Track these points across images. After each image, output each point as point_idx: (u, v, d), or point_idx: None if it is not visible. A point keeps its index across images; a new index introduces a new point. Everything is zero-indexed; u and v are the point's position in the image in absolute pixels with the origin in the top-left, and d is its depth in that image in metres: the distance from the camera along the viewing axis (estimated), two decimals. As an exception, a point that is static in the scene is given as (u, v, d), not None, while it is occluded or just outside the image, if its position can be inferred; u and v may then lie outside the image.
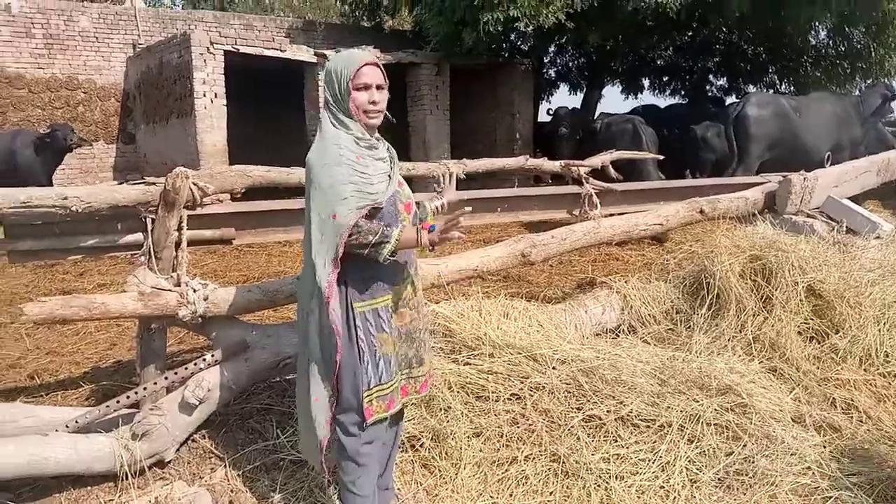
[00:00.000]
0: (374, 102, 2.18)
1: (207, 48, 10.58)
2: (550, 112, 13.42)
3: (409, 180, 2.76)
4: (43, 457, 2.50)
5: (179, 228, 3.14)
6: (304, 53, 11.61)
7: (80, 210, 2.95)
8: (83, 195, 2.99)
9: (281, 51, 11.37)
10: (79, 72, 13.31)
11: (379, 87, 2.19)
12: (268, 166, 3.61)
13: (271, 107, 14.41)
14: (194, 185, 3.15)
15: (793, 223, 4.76)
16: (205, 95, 10.55)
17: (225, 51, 10.77)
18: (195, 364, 2.97)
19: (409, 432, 2.86)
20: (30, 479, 2.56)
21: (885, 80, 12.46)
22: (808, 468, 2.71)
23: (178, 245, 3.16)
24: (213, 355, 3.00)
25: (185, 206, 3.14)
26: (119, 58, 13.73)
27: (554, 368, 3.16)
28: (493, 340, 3.30)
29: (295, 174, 3.59)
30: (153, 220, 3.10)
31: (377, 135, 2.28)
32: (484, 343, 3.28)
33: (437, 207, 2.47)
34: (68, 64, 13.21)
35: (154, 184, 3.17)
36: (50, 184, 9.06)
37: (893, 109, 9.83)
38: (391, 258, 2.12)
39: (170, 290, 2.98)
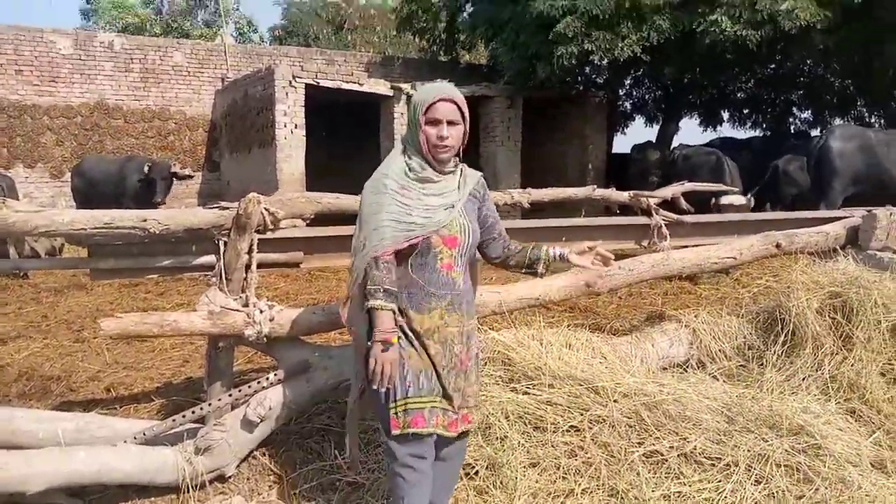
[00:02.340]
0: (441, 138, 2.18)
1: (290, 81, 11.04)
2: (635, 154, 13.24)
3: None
4: (111, 466, 2.61)
5: (250, 251, 3.26)
6: (381, 87, 11.94)
7: (158, 232, 3.10)
8: (161, 218, 3.14)
9: (359, 84, 11.73)
10: (171, 104, 14.12)
11: (451, 123, 2.20)
12: (338, 194, 3.72)
13: (349, 138, 14.84)
14: (265, 210, 3.26)
15: (877, 259, 4.51)
16: (285, 126, 10.98)
17: (306, 84, 11.19)
18: (258, 382, 3.05)
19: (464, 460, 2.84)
20: (99, 486, 2.67)
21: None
22: (888, 517, 2.54)
23: (247, 267, 3.27)
24: (275, 374, 3.08)
25: (256, 230, 3.26)
26: (208, 91, 14.50)
27: (615, 401, 3.08)
28: (554, 371, 3.25)
29: (362, 201, 3.68)
30: (225, 243, 3.23)
31: (452, 167, 2.30)
32: (543, 373, 3.24)
33: (557, 256, 2.41)
34: (161, 96, 14.04)
35: (228, 208, 3.30)
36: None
37: None
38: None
39: (237, 310, 3.08)
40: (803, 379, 3.41)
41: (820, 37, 10.50)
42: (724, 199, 7.33)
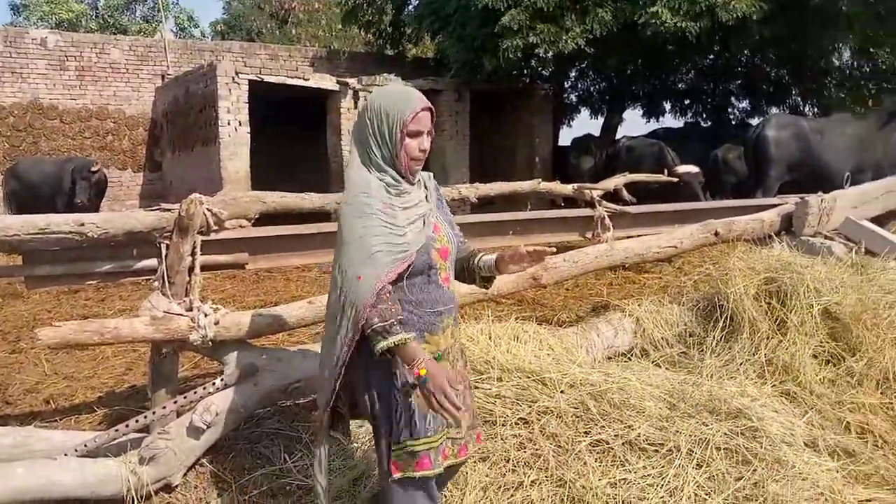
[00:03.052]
0: (423, 150, 2.02)
1: (233, 77, 10.84)
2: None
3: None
4: (51, 480, 2.54)
5: (193, 254, 3.21)
6: (327, 82, 11.82)
7: (96, 236, 3.03)
8: (99, 221, 3.07)
9: (304, 79, 11.59)
10: (109, 102, 13.71)
11: (428, 133, 2.05)
12: (283, 192, 3.68)
13: (295, 134, 14.66)
14: (208, 210, 3.22)
15: (810, 245, 4.70)
16: (229, 124, 10.78)
17: (249, 80, 11.01)
18: (204, 388, 3.01)
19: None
20: (39, 502, 2.60)
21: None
22: (821, 494, 2.65)
23: (191, 270, 3.22)
24: (222, 379, 3.04)
25: (199, 232, 3.21)
26: (148, 88, 14.12)
27: (562, 392, 3.13)
28: (502, 364, 3.29)
29: (309, 199, 3.65)
30: (167, 246, 3.17)
31: (423, 174, 2.16)
32: (492, 367, 3.27)
33: (488, 267, 2.24)
34: (99, 94, 13.62)
35: (169, 210, 3.24)
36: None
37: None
38: (382, 356, 1.89)
39: (181, 315, 3.03)
40: (741, 363, 3.53)
41: (756, 28, 10.81)
42: (681, 168, 7.81)
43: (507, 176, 11.99)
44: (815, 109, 14.95)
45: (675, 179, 6.91)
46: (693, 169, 8.36)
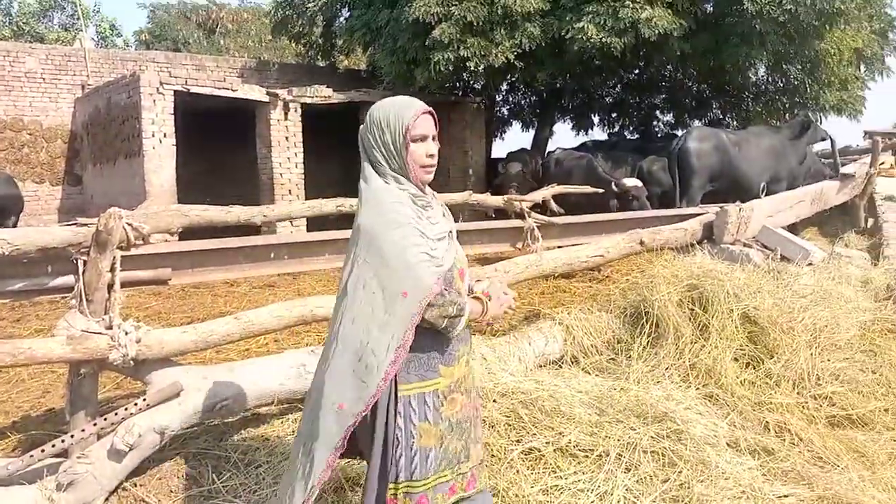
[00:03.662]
0: (431, 156, 1.93)
1: (157, 88, 10.53)
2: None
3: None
4: (-42, 511, 2.40)
5: (112, 270, 3.09)
6: (256, 93, 11.63)
7: (8, 253, 2.89)
8: (11, 237, 2.94)
9: (232, 90, 11.37)
10: (24, 113, 13.11)
11: (434, 138, 1.95)
12: (206, 205, 3.60)
13: (225, 146, 14.35)
14: (128, 225, 3.12)
15: (730, 252, 4.90)
16: (153, 136, 10.46)
17: (175, 91, 10.72)
18: (126, 409, 2.89)
19: (350, 476, 2.82)
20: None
21: (809, 113, 12.95)
22: (743, 492, 2.75)
23: (110, 287, 3.10)
24: (144, 399, 2.93)
25: (119, 247, 3.10)
26: (67, 99, 13.57)
27: (494, 401, 3.16)
28: (434, 375, 3.29)
29: (234, 213, 3.59)
30: (85, 262, 3.05)
31: (429, 190, 2.03)
32: (425, 378, 3.27)
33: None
34: (13, 105, 13.01)
35: (86, 225, 3.12)
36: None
37: (829, 140, 10.21)
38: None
39: (100, 334, 2.91)
40: (666, 368, 3.64)
41: (677, 44, 11.21)
42: (629, 182, 8.38)
43: (441, 188, 12.04)
44: (735, 122, 15.61)
45: (602, 191, 7.08)
46: (638, 183, 8.70)
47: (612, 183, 8.43)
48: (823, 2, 10.12)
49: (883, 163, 9.53)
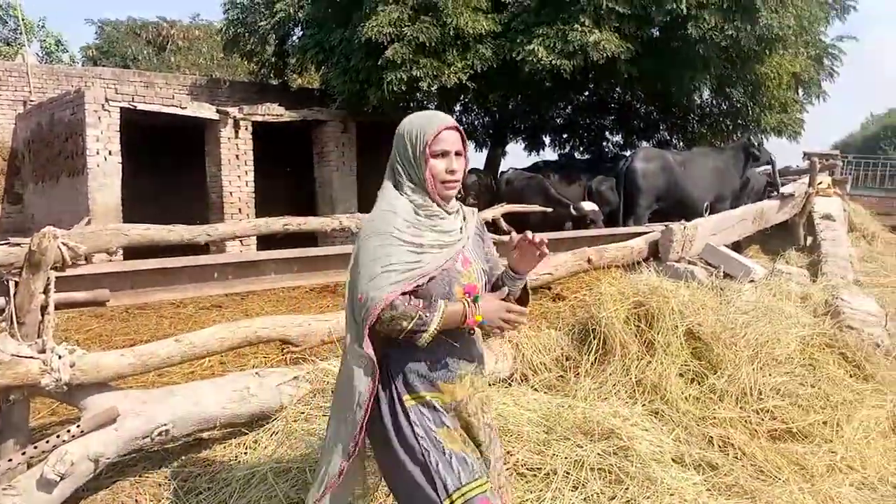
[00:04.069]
0: (452, 171, 1.92)
1: (102, 105, 10.29)
2: None
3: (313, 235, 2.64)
4: None
5: (46, 291, 2.98)
6: (206, 111, 11.47)
7: (-68, 274, 2.76)
8: (-64, 258, 2.80)
9: (181, 108, 11.18)
10: (-39, 129, 12.67)
11: (458, 154, 1.95)
12: (148, 224, 3.51)
13: (175, 165, 14.09)
14: (63, 245, 3.02)
15: (675, 270, 4.99)
16: (98, 153, 10.21)
17: (121, 108, 10.50)
18: (58, 436, 2.77)
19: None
20: None
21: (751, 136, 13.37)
22: (688, 508, 2.78)
23: (44, 309, 2.99)
24: (78, 426, 2.82)
25: (54, 268, 3.00)
26: (8, 115, 13.16)
27: (442, 421, 3.13)
28: (383, 396, 3.25)
29: (176, 231, 3.50)
30: (16, 283, 2.94)
31: (455, 204, 2.01)
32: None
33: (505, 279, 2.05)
34: (-50, 121, 12.56)
35: (18, 244, 3.01)
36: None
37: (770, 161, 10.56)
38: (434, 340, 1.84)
39: (32, 358, 2.80)
40: (613, 385, 3.67)
41: (625, 67, 11.47)
42: (587, 206, 8.44)
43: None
44: (682, 143, 16.02)
45: (551, 210, 7.17)
46: (595, 207, 8.85)
47: (571, 206, 8.55)
48: (763, 28, 10.50)
49: (821, 183, 9.89)
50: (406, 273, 1.83)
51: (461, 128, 1.99)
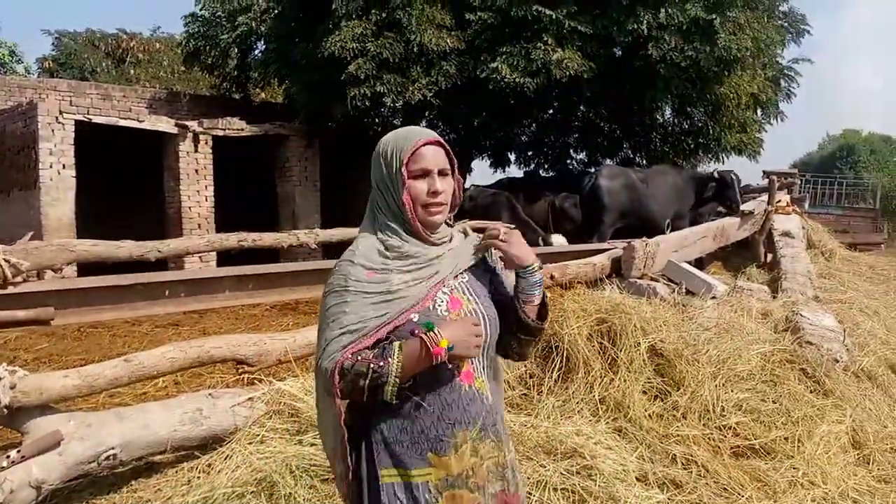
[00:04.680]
0: (434, 192, 1.64)
1: (56, 117, 10.04)
2: None
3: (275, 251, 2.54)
4: None
5: (-15, 309, 2.84)
6: (163, 124, 11.27)
7: None
8: None
9: (139, 121, 10.97)
10: None
11: (442, 173, 1.68)
12: (96, 240, 3.39)
13: (133, 179, 13.80)
14: (5, 261, 2.88)
15: (637, 286, 5.00)
16: (51, 167, 9.94)
17: (77, 121, 10.25)
18: (-5, 462, 2.63)
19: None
20: None
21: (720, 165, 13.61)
22: (652, 528, 2.74)
23: (-17, 328, 2.85)
24: (19, 451, 2.68)
25: (-5, 285, 2.86)
26: (-42, 127, 12.75)
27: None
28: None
29: (125, 248, 3.38)
30: (-46, 301, 2.79)
31: (446, 232, 1.72)
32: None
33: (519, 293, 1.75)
34: None
35: (-43, 261, 2.86)
36: None
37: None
38: (409, 395, 1.58)
39: (-32, 379, 2.65)
40: (577, 402, 3.63)
41: (587, 85, 11.63)
42: (555, 239, 8.57)
43: (356, 223, 11.98)
44: (645, 161, 16.24)
45: (514, 227, 7.18)
46: (564, 241, 8.82)
47: (540, 238, 8.56)
48: (722, 50, 10.74)
49: (779, 201, 10.07)
50: (359, 330, 1.56)
51: (445, 143, 1.73)
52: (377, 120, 14.71)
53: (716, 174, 9.51)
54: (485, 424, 1.63)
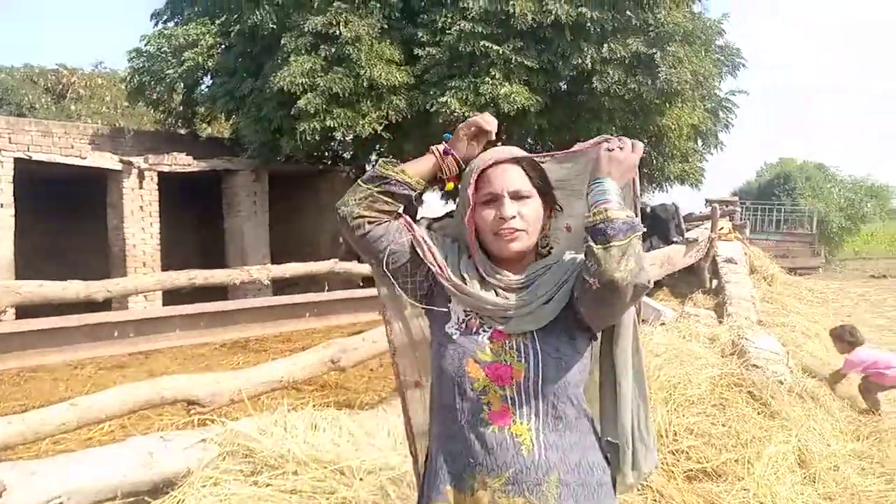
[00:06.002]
0: (503, 218, 1.44)
1: (-6, 155, 9.75)
2: None
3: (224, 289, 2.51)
4: None
5: (-79, 356, 2.72)
6: (107, 161, 11.06)
7: None
8: None
9: (81, 157, 10.73)
10: None
11: (518, 195, 1.47)
12: (42, 280, 3.28)
13: (73, 217, 13.42)
14: (-57, 305, 2.76)
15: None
16: (-11, 206, 9.62)
17: (16, 158, 9.97)
18: (-70, 518, 2.50)
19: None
20: None
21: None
22: (611, 556, 2.75)
23: (-82, 376, 2.72)
24: (-44, 505, 2.55)
25: (-69, 330, 2.74)
26: None
27: (361, 479, 3.01)
28: (298, 456, 3.11)
29: (72, 288, 3.29)
30: None
31: (535, 268, 1.50)
32: (288, 460, 3.08)
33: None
34: None
35: None
36: None
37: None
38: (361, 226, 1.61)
39: None
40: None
41: (534, 118, 11.90)
42: None
43: (313, 257, 11.85)
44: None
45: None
46: None
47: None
48: (663, 83, 11.15)
49: (722, 228, 10.42)
50: (427, 257, 1.53)
51: (531, 158, 1.56)
52: (326, 153, 14.73)
53: (648, 210, 9.15)
54: (518, 479, 1.38)
